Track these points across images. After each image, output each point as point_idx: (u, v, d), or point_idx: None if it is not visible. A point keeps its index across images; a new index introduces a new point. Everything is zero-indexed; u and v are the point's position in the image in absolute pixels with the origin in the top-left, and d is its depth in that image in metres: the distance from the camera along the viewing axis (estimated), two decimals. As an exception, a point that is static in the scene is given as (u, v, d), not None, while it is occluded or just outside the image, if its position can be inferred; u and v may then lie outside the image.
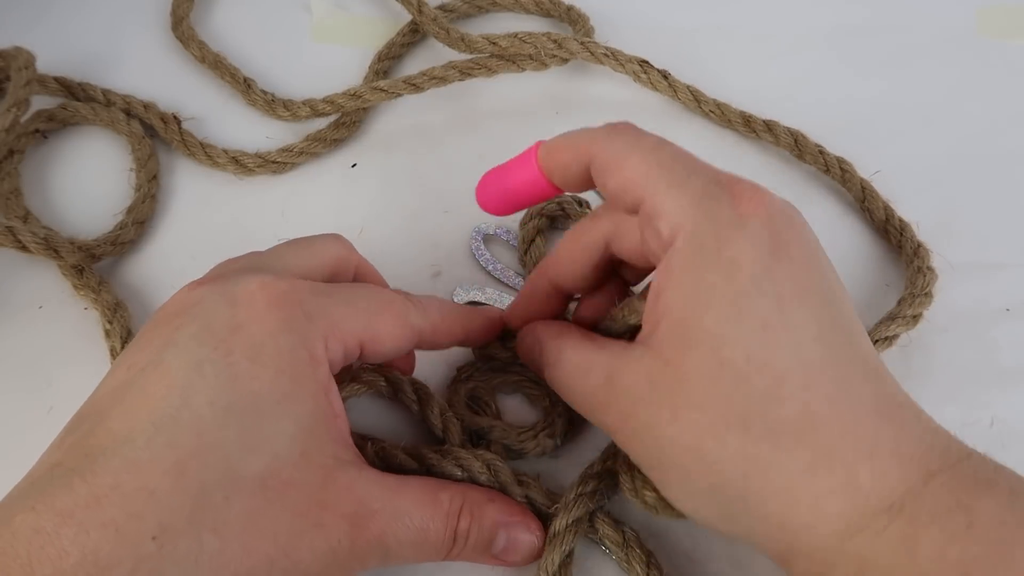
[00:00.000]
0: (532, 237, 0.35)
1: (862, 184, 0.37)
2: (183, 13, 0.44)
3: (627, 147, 0.24)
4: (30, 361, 0.33)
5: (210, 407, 0.21)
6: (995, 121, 0.41)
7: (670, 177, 0.23)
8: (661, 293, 0.23)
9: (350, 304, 0.25)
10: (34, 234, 0.33)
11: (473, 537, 0.25)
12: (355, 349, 0.24)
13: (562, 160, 0.26)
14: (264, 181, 0.39)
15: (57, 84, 0.40)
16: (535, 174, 0.27)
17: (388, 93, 0.39)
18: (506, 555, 0.26)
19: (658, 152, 0.24)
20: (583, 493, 0.27)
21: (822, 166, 0.38)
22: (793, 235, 0.22)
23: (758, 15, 0.46)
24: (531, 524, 0.26)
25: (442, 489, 0.25)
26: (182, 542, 0.19)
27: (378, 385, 0.29)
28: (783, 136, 0.38)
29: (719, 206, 0.22)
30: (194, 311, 0.23)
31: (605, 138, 0.25)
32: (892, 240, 0.36)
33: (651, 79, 0.40)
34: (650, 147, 0.24)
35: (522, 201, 0.28)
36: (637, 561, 0.26)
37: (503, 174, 0.28)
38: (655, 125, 0.25)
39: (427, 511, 0.24)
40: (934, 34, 0.44)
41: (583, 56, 0.40)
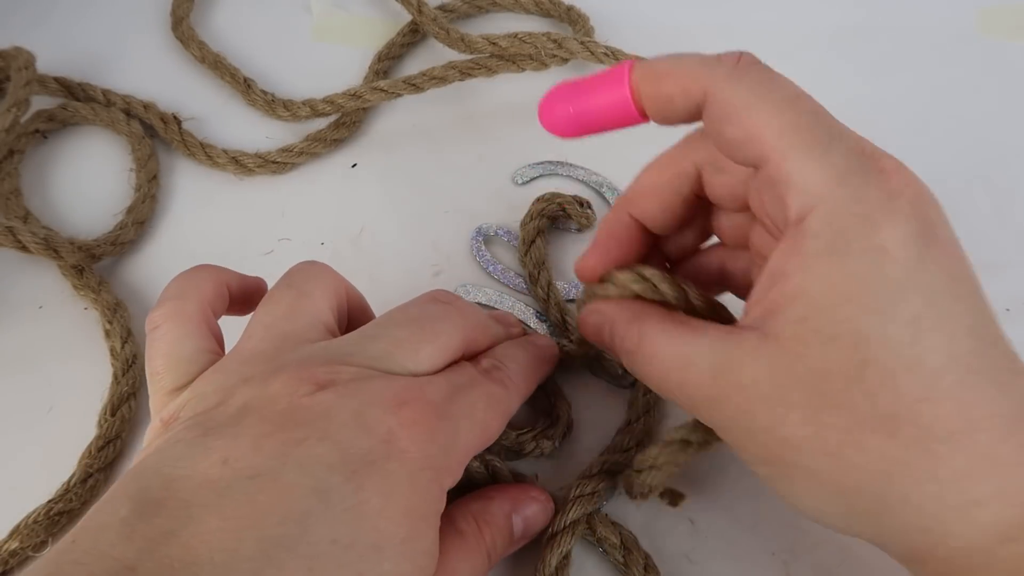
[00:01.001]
0: (532, 238, 0.35)
1: None
2: (183, 13, 0.44)
3: (755, 94, 0.21)
4: (30, 361, 0.33)
5: (331, 544, 0.18)
6: (995, 121, 0.41)
7: (809, 141, 0.20)
8: (786, 276, 0.20)
9: (471, 418, 0.23)
10: (34, 234, 0.33)
11: (499, 541, 0.25)
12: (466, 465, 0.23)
13: (666, 91, 0.22)
14: (264, 181, 0.39)
15: (57, 84, 0.40)
16: (624, 98, 0.23)
17: (388, 93, 0.39)
18: (528, 533, 0.26)
19: (795, 107, 0.20)
20: (581, 495, 0.27)
21: None
22: (936, 215, 0.20)
23: (758, 15, 0.46)
24: (531, 493, 0.26)
25: (454, 519, 0.24)
26: None
27: None
28: None
29: (866, 184, 0.19)
30: (321, 427, 0.20)
31: (728, 76, 0.21)
32: None
33: None
34: (785, 99, 0.21)
35: (599, 125, 0.24)
36: (635, 563, 0.26)
37: (583, 91, 0.24)
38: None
39: (469, 555, 0.23)
40: (934, 34, 0.44)
41: (583, 56, 0.40)
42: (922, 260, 0.19)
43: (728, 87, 0.21)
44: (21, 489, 0.29)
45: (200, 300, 0.25)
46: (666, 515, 0.29)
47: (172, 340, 0.24)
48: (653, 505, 0.29)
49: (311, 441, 0.20)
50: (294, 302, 0.25)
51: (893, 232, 0.19)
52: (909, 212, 0.19)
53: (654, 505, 0.29)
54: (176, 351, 0.23)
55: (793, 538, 0.28)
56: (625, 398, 0.31)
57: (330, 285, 0.26)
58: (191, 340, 0.24)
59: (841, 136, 0.20)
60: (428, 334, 0.24)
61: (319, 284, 0.25)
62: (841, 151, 0.20)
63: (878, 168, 0.20)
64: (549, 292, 0.33)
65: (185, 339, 0.24)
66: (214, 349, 0.24)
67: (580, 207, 0.35)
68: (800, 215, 0.20)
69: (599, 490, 0.28)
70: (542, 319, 0.34)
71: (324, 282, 0.25)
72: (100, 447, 0.30)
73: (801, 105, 0.21)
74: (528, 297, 0.34)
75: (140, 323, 0.34)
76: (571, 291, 0.34)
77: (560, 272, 0.35)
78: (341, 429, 0.20)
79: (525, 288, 0.35)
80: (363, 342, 0.23)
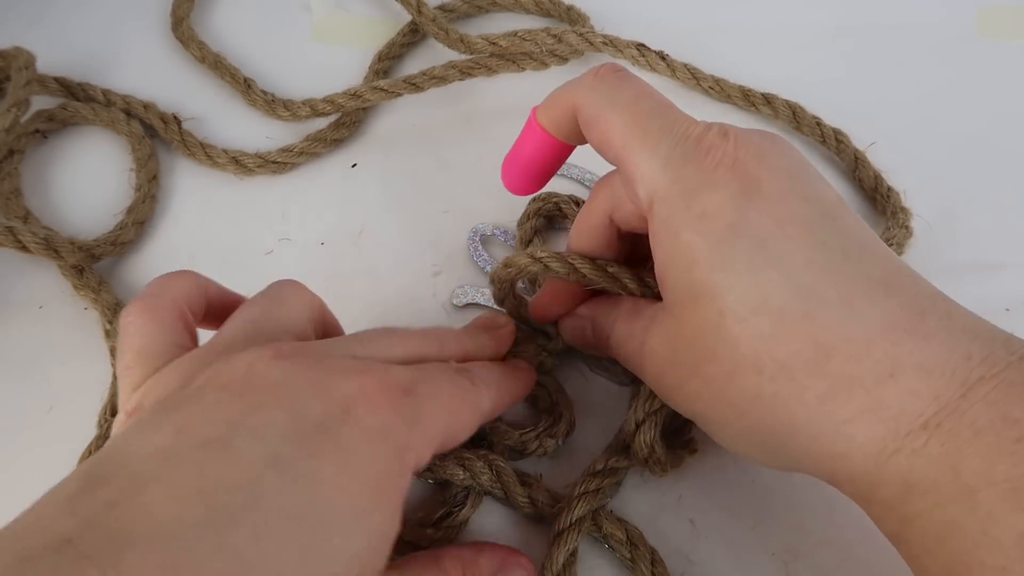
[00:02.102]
0: (529, 238, 0.35)
1: (855, 154, 0.39)
2: (183, 13, 0.44)
3: (607, 100, 0.24)
4: (30, 361, 0.33)
5: (280, 514, 0.18)
6: (995, 121, 0.41)
7: (643, 138, 0.23)
8: (654, 256, 0.23)
9: (436, 399, 0.22)
10: (34, 234, 0.33)
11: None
12: (435, 451, 0.22)
13: (555, 115, 0.26)
14: (264, 181, 0.39)
15: (57, 84, 0.40)
16: (541, 136, 0.27)
17: (388, 93, 0.39)
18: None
19: (634, 108, 0.24)
20: (586, 492, 0.27)
21: (819, 137, 0.40)
22: (764, 170, 0.22)
23: (758, 15, 0.46)
24: (520, 560, 0.26)
25: (441, 559, 0.24)
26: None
27: None
28: (781, 108, 0.40)
29: (685, 164, 0.22)
30: (278, 393, 0.20)
31: (587, 88, 0.25)
32: (879, 207, 0.38)
33: (649, 61, 0.40)
34: (627, 102, 0.24)
35: (542, 169, 0.28)
36: (641, 559, 0.27)
37: (517, 151, 0.28)
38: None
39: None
40: (934, 34, 0.44)
41: (582, 46, 0.40)
42: (744, 213, 0.22)
43: (588, 98, 0.24)
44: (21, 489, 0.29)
45: (175, 298, 0.24)
46: (666, 515, 0.29)
47: (145, 335, 0.23)
48: (653, 505, 0.29)
49: (266, 408, 0.19)
50: (270, 307, 0.24)
51: (711, 198, 0.22)
52: (727, 178, 0.22)
53: (654, 505, 0.29)
54: (148, 346, 0.23)
55: (793, 538, 0.28)
56: (627, 395, 0.31)
57: (307, 300, 0.25)
58: (164, 335, 0.23)
59: (671, 128, 0.23)
60: (399, 338, 0.25)
61: (297, 298, 0.25)
62: (668, 142, 0.23)
63: (698, 148, 0.23)
64: (549, 292, 0.33)
65: (158, 334, 0.23)
66: (187, 345, 0.23)
67: (576, 207, 0.35)
68: (648, 204, 0.23)
69: (604, 487, 0.28)
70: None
71: (301, 297, 0.25)
72: (100, 447, 0.30)
73: (641, 105, 0.24)
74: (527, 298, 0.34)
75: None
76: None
77: (560, 272, 0.35)
78: (298, 396, 0.20)
79: (523, 289, 0.35)
80: (334, 341, 0.24)
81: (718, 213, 0.22)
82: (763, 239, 0.21)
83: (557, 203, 0.35)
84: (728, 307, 0.21)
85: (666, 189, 0.23)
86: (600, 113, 0.24)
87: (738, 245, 0.21)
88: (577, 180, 0.38)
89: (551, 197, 0.35)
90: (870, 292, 0.21)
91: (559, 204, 0.35)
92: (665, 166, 0.23)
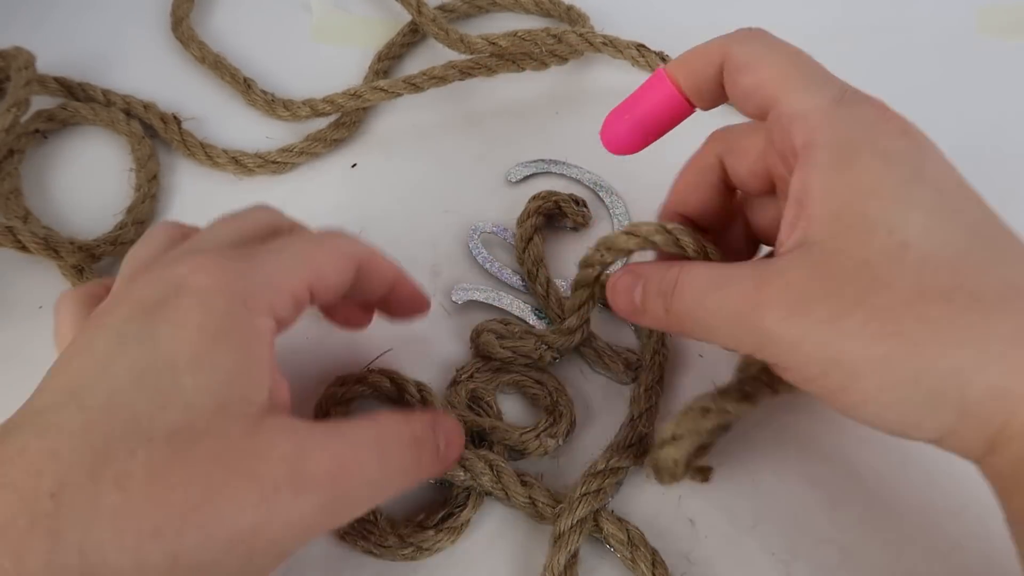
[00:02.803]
0: (530, 236, 0.35)
1: None
2: (183, 13, 0.44)
3: (764, 48, 0.25)
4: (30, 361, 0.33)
5: (127, 372, 0.20)
6: (995, 121, 0.41)
7: (808, 79, 0.23)
8: (809, 192, 0.22)
9: (283, 251, 0.24)
10: (34, 234, 0.33)
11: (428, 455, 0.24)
12: (304, 293, 0.23)
13: (693, 66, 0.26)
14: (264, 181, 0.39)
15: (57, 84, 0.40)
16: (667, 91, 0.26)
17: (388, 93, 0.39)
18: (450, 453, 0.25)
19: (796, 56, 0.24)
20: (587, 492, 0.27)
21: None
22: (931, 144, 0.23)
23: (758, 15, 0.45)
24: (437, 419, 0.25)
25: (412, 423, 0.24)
26: (80, 496, 0.18)
27: (383, 387, 0.30)
28: None
29: (862, 107, 0.23)
30: (123, 295, 0.23)
31: (739, 40, 0.25)
32: None
33: (649, 62, 0.40)
34: (787, 51, 0.24)
35: (654, 126, 0.27)
36: (642, 559, 0.27)
37: (631, 105, 0.27)
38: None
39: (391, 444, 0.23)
40: (934, 34, 0.44)
41: (581, 47, 0.40)
42: (925, 163, 0.22)
43: (741, 46, 0.25)
44: (21, 489, 0.29)
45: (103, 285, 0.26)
46: (666, 515, 0.29)
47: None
48: (653, 505, 0.29)
49: (117, 308, 0.22)
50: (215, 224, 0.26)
51: (892, 143, 0.22)
52: (902, 129, 0.22)
53: (655, 505, 0.29)
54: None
55: (793, 538, 0.28)
56: (627, 394, 0.32)
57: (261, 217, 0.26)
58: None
59: (833, 79, 0.24)
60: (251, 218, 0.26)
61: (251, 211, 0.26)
62: (835, 87, 0.23)
63: (865, 98, 0.23)
64: (548, 289, 0.33)
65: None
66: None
67: (576, 205, 0.35)
68: (808, 139, 0.22)
69: (605, 487, 0.28)
70: (541, 316, 0.34)
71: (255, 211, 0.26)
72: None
73: (800, 58, 0.24)
74: (527, 295, 0.34)
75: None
76: (569, 288, 0.34)
77: (557, 269, 0.35)
78: (142, 288, 0.22)
79: (523, 286, 0.35)
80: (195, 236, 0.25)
81: (903, 156, 0.22)
82: (943, 190, 0.22)
83: (557, 201, 0.35)
84: (911, 239, 0.21)
85: (841, 122, 0.22)
86: (757, 57, 0.24)
87: (922, 188, 0.21)
88: (574, 179, 0.38)
89: (551, 195, 0.35)
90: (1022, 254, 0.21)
91: (559, 202, 0.35)
92: (839, 102, 0.23)
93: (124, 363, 0.20)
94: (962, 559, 0.28)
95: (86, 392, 0.20)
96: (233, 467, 0.20)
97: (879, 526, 0.28)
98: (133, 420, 0.19)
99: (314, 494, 0.20)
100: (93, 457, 0.19)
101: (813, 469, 0.30)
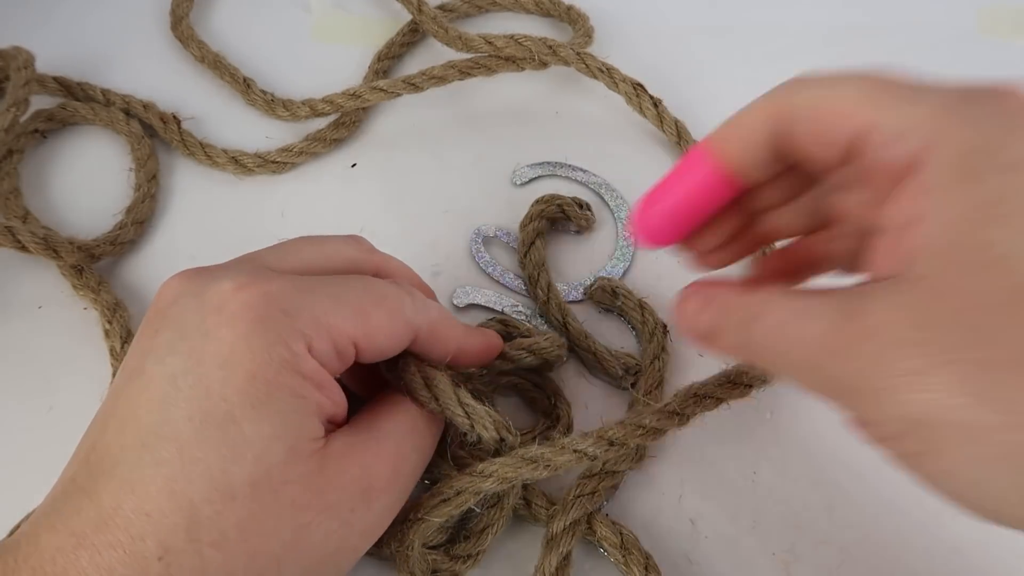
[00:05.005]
0: (532, 239, 0.35)
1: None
2: (183, 13, 0.44)
3: (828, 83, 0.20)
4: (30, 361, 0.33)
5: (188, 422, 0.20)
6: (995, 121, 0.41)
7: (899, 94, 0.19)
8: (918, 218, 0.18)
9: (338, 298, 0.23)
10: (33, 234, 0.33)
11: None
12: (348, 347, 0.23)
13: (740, 136, 0.22)
14: (264, 181, 0.39)
15: (56, 84, 0.40)
16: (706, 170, 0.22)
17: (388, 93, 0.39)
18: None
19: (874, 75, 0.20)
20: (581, 495, 0.27)
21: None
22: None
23: (758, 15, 0.46)
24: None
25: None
26: (186, 559, 0.19)
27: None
28: None
29: (977, 105, 0.19)
30: (170, 313, 0.22)
31: (790, 91, 0.21)
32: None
33: (642, 104, 0.39)
34: (860, 73, 0.20)
35: (696, 214, 0.23)
36: (635, 563, 0.26)
37: (665, 189, 0.23)
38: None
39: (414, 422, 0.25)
40: (934, 34, 0.44)
41: (577, 67, 0.39)
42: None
43: (796, 95, 0.21)
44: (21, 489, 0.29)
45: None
46: (666, 515, 0.29)
47: None
48: (654, 505, 0.29)
49: (161, 330, 0.22)
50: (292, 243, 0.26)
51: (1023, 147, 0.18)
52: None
53: (655, 505, 0.29)
54: None
55: (793, 538, 0.28)
56: (625, 399, 0.31)
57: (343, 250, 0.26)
58: None
59: (930, 86, 0.20)
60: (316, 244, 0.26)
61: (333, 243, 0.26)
62: (935, 94, 0.19)
63: (989, 92, 0.19)
64: (549, 294, 0.33)
65: None
66: None
67: (579, 209, 0.35)
68: (913, 158, 0.19)
69: (599, 490, 0.27)
70: (542, 321, 0.33)
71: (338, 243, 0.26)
72: (100, 447, 0.30)
73: (881, 72, 0.20)
74: (528, 299, 0.34)
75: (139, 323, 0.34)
76: (571, 293, 0.34)
77: (560, 273, 0.35)
78: (181, 312, 0.22)
79: (524, 290, 0.34)
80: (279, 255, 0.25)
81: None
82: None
83: (560, 205, 0.35)
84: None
85: (955, 134, 0.18)
86: (824, 95, 0.20)
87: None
88: (580, 182, 0.38)
89: (554, 199, 0.35)
90: None
91: (562, 206, 0.35)
92: (949, 111, 0.19)
93: (182, 410, 0.21)
94: (962, 559, 0.28)
95: (156, 443, 0.20)
96: (314, 506, 0.21)
97: (879, 526, 0.28)
98: (208, 477, 0.20)
99: (380, 501, 0.23)
100: (186, 519, 0.20)
101: (813, 469, 0.30)
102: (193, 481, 0.20)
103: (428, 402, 0.25)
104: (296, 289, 0.22)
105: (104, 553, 0.19)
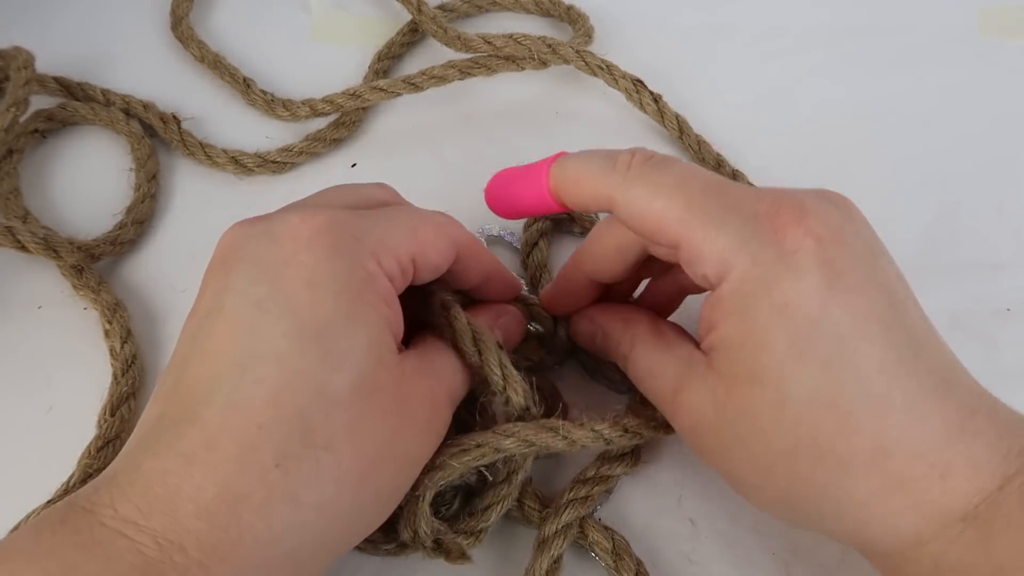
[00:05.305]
0: (535, 240, 0.35)
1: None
2: (183, 13, 0.44)
3: (649, 191, 0.23)
4: (30, 361, 0.33)
5: (284, 338, 0.21)
6: (995, 121, 0.41)
7: (704, 217, 0.23)
8: (715, 326, 0.23)
9: (392, 220, 0.25)
10: (33, 234, 0.33)
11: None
12: (408, 264, 0.24)
13: (580, 199, 0.26)
14: (264, 181, 0.39)
15: (56, 84, 0.40)
16: (543, 193, 0.27)
17: (388, 93, 0.39)
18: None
19: (684, 190, 0.23)
20: (574, 499, 0.27)
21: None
22: (848, 259, 0.22)
23: (759, 15, 0.46)
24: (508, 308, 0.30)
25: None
26: (303, 464, 0.20)
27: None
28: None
29: (761, 246, 0.22)
30: (241, 254, 0.23)
31: (623, 182, 0.24)
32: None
33: (642, 100, 0.39)
34: (674, 186, 0.23)
35: (526, 212, 0.28)
36: (626, 569, 0.26)
37: (512, 180, 0.28)
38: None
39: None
40: (935, 34, 0.44)
41: (577, 65, 0.39)
42: (826, 308, 0.21)
43: (626, 192, 0.24)
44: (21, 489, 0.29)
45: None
46: (667, 516, 0.29)
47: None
48: (654, 506, 0.29)
49: (234, 268, 0.23)
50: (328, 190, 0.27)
51: (794, 288, 0.21)
52: (809, 264, 0.21)
53: (655, 506, 0.29)
54: None
55: (793, 538, 0.28)
56: (622, 402, 0.31)
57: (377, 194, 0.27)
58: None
59: (732, 204, 0.23)
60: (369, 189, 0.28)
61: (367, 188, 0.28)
62: (736, 221, 0.22)
63: (773, 226, 0.22)
64: (550, 293, 0.33)
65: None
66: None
67: (582, 208, 0.35)
68: (717, 280, 0.23)
69: (593, 494, 0.27)
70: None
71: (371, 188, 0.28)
72: (100, 447, 0.30)
73: (691, 186, 0.23)
74: (530, 298, 0.34)
75: (140, 323, 0.34)
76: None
77: (560, 272, 0.35)
78: (254, 248, 0.23)
79: (528, 291, 0.34)
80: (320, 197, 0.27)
81: (800, 305, 0.21)
82: (842, 337, 0.21)
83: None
84: (794, 397, 0.21)
85: (744, 271, 0.22)
86: (645, 204, 0.23)
87: (817, 342, 0.21)
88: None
89: None
90: (932, 392, 0.21)
91: (565, 206, 0.35)
92: (741, 247, 0.22)
93: (275, 329, 0.21)
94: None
95: (254, 363, 0.21)
96: (400, 412, 0.23)
97: (879, 526, 0.28)
98: (314, 386, 0.21)
99: (439, 419, 0.25)
100: (300, 426, 0.21)
101: (813, 469, 0.30)
102: (299, 391, 0.21)
103: (471, 355, 0.26)
104: (357, 216, 0.24)
105: (219, 468, 0.20)
